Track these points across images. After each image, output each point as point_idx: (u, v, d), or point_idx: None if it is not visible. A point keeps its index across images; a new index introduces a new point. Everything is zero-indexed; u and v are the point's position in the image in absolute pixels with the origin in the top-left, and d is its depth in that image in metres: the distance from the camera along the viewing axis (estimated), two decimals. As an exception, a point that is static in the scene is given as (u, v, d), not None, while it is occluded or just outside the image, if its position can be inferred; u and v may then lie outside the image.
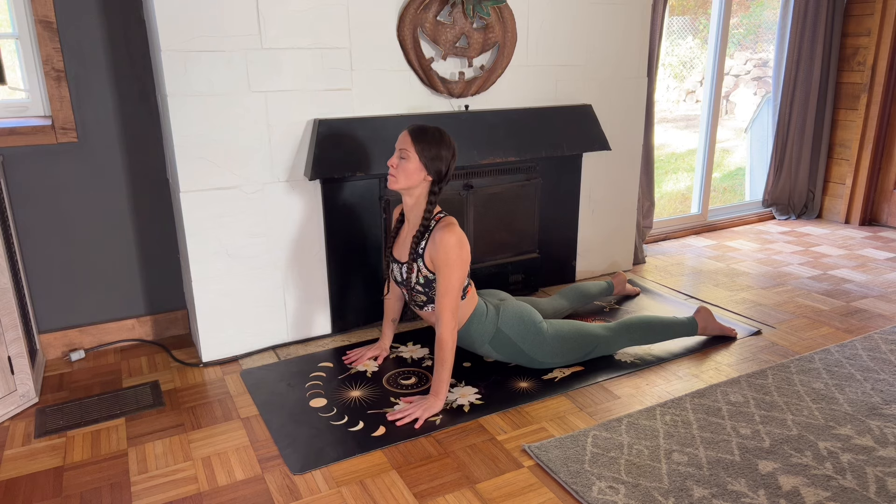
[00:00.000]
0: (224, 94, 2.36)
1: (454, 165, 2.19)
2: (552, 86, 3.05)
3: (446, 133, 2.18)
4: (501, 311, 2.38)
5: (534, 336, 2.37)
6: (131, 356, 2.65)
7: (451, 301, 2.16)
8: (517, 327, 2.37)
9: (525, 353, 2.38)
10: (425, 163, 2.13)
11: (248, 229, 2.52)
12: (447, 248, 2.13)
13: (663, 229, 4.19)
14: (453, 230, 2.15)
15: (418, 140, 2.13)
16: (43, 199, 2.49)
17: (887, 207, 4.39)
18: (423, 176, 2.15)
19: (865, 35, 4.18)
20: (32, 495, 1.82)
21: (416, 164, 2.13)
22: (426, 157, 2.13)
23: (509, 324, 2.37)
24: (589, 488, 1.79)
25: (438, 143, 2.14)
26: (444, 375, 2.16)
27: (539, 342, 2.37)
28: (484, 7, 2.67)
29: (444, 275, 2.15)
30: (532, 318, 2.39)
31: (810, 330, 2.81)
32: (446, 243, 2.13)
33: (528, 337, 2.37)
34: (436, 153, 2.13)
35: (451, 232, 2.15)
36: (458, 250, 2.14)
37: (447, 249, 2.13)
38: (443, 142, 2.15)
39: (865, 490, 1.77)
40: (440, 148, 2.14)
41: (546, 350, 2.38)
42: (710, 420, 2.11)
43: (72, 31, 2.40)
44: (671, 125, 7.41)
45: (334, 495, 1.80)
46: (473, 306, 2.35)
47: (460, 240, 2.15)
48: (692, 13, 5.95)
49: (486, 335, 2.37)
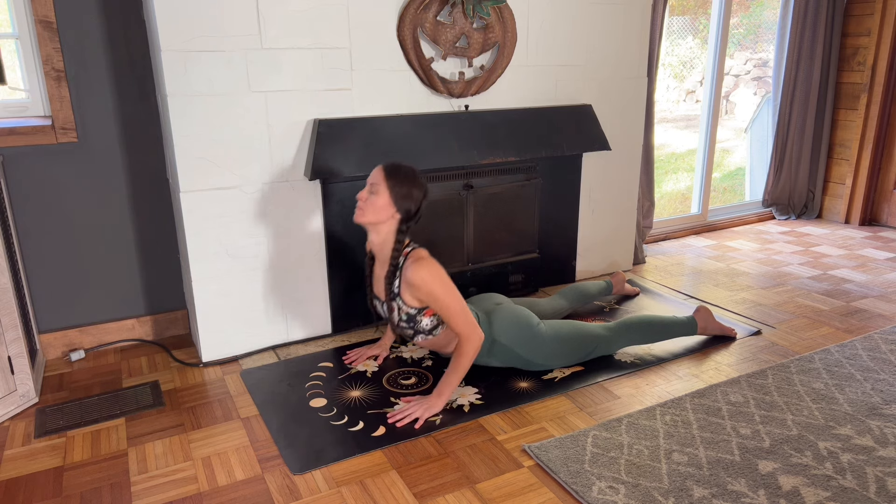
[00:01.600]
0: (224, 94, 2.36)
1: (424, 206, 2.16)
2: (552, 86, 3.05)
3: (420, 174, 2.15)
4: (494, 321, 2.35)
5: (531, 340, 2.36)
6: (131, 356, 2.65)
7: (460, 322, 2.14)
8: (513, 334, 2.35)
9: (524, 357, 2.37)
10: (395, 200, 2.09)
11: (248, 229, 2.52)
12: (424, 282, 2.10)
13: (663, 229, 4.19)
14: (421, 263, 2.11)
15: (391, 176, 2.09)
16: (43, 199, 2.49)
17: (887, 207, 4.39)
18: (391, 213, 2.11)
19: (865, 35, 4.18)
20: (32, 495, 1.82)
21: (386, 200, 2.09)
22: (397, 194, 2.09)
23: (504, 331, 2.35)
24: (589, 488, 1.79)
25: (411, 181, 2.10)
26: (453, 379, 2.17)
27: (537, 345, 2.36)
28: (484, 7, 2.67)
29: (439, 305, 2.13)
30: (527, 322, 2.38)
31: (810, 330, 2.81)
32: (421, 279, 2.09)
33: (526, 341, 2.35)
34: (407, 191, 2.09)
35: (420, 266, 2.11)
36: (435, 279, 2.10)
37: (425, 284, 2.10)
38: (416, 181, 2.11)
39: (865, 490, 1.77)
40: (412, 187, 2.10)
41: (545, 352, 2.38)
42: (710, 420, 2.11)
43: (72, 31, 2.40)
44: (671, 125, 7.41)
45: (334, 495, 1.80)
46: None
47: (431, 268, 2.11)
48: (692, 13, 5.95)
49: (482, 348, 2.35)
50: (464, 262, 2.99)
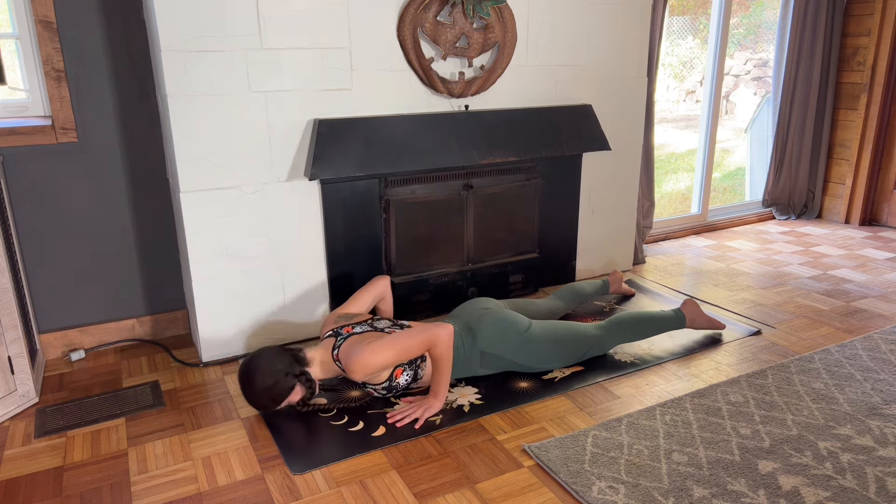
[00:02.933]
0: (224, 94, 2.36)
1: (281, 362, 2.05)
2: (552, 86, 3.05)
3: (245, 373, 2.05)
4: (478, 334, 2.33)
5: (521, 346, 2.34)
6: (131, 356, 2.65)
7: (416, 347, 2.07)
8: (500, 344, 2.33)
9: (518, 363, 2.37)
10: (283, 396, 2.06)
11: (248, 229, 2.52)
12: (359, 367, 2.02)
13: (663, 229, 4.19)
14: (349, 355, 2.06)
15: (264, 409, 2.09)
16: (43, 199, 2.49)
17: (887, 207, 4.39)
18: (298, 394, 2.09)
19: (865, 35, 4.18)
20: (32, 495, 1.82)
21: (291, 398, 2.09)
22: (279, 398, 2.06)
23: (491, 342, 2.33)
24: (589, 488, 1.79)
25: (261, 391, 2.04)
26: (442, 380, 2.15)
27: (529, 351, 2.35)
28: (484, 7, 2.67)
29: (393, 360, 2.06)
30: (515, 329, 2.35)
31: (810, 330, 2.81)
32: (356, 366, 2.02)
33: (516, 348, 2.34)
34: (273, 392, 2.04)
35: (348, 360, 2.05)
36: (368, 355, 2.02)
37: (360, 367, 2.02)
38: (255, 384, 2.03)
39: (865, 490, 1.77)
40: (266, 389, 2.03)
41: (539, 355, 2.37)
42: (710, 420, 2.11)
43: (72, 31, 2.40)
44: (671, 125, 7.41)
45: (334, 495, 1.80)
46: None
47: (356, 352, 2.04)
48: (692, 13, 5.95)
49: (473, 362, 2.34)
50: (464, 262, 2.99)
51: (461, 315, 2.43)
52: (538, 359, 2.37)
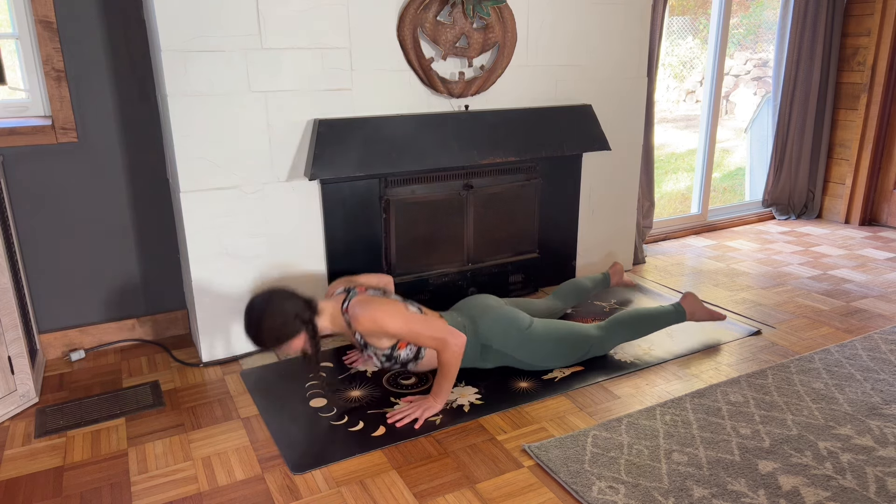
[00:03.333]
0: (224, 94, 2.36)
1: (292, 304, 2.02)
2: (552, 86, 3.05)
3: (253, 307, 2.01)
4: (480, 327, 2.33)
5: (523, 343, 2.34)
6: (131, 356, 2.65)
7: (427, 339, 2.09)
8: (501, 339, 2.33)
9: (519, 360, 2.37)
10: (287, 339, 2.02)
11: (248, 229, 2.52)
12: (365, 327, 2.06)
13: (663, 229, 4.19)
14: (360, 309, 2.07)
15: (263, 346, 2.03)
16: (43, 199, 2.49)
17: (887, 207, 4.39)
18: (300, 342, 2.05)
19: (865, 35, 4.18)
20: (32, 495, 1.82)
21: (290, 345, 2.04)
22: (282, 340, 2.01)
23: (492, 337, 2.33)
24: (589, 488, 1.79)
25: (266, 326, 1.98)
26: (446, 382, 2.16)
27: (531, 349, 2.35)
28: (484, 7, 2.67)
29: (400, 335, 2.09)
30: (516, 326, 2.35)
31: (810, 330, 2.81)
32: (371, 320, 2.05)
33: (518, 345, 2.34)
34: (278, 331, 1.99)
35: (361, 312, 2.07)
36: (380, 315, 2.06)
37: (374, 324, 2.06)
38: (265, 320, 1.98)
39: (865, 490, 1.77)
40: (272, 326, 1.98)
41: (540, 354, 2.37)
42: (710, 420, 2.11)
43: (72, 31, 2.40)
44: (671, 125, 7.41)
45: (334, 495, 1.80)
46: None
47: (371, 308, 2.07)
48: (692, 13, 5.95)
49: (474, 355, 2.34)
50: (464, 262, 2.99)
51: (463, 308, 2.43)
52: (539, 357, 2.37)
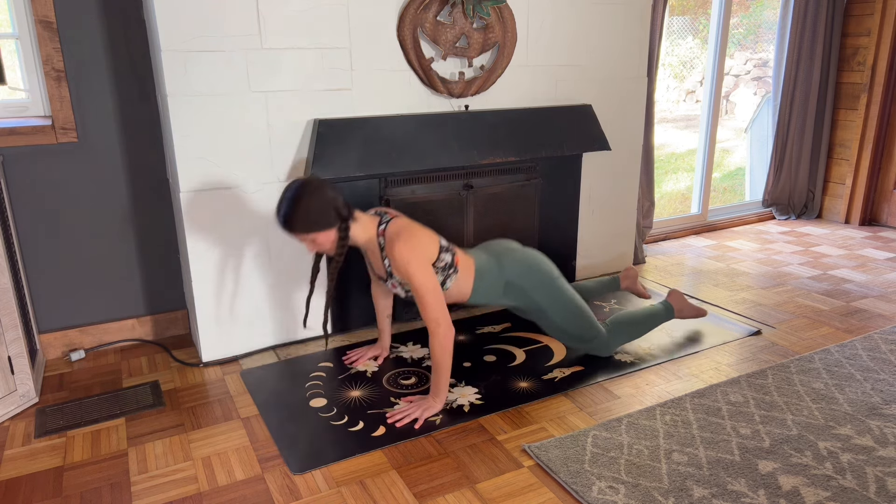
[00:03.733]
0: (224, 94, 2.36)
1: (335, 195, 2.04)
2: (552, 86, 3.05)
3: (301, 186, 2.00)
4: (505, 263, 2.33)
5: (545, 287, 2.34)
6: (131, 356, 2.65)
7: (429, 307, 2.08)
8: (526, 276, 2.33)
9: (536, 302, 2.35)
10: (318, 227, 2.02)
11: (248, 229, 2.52)
12: (398, 259, 2.07)
13: (663, 229, 4.19)
14: (396, 240, 2.08)
15: (292, 227, 2.01)
16: (43, 199, 2.49)
17: (887, 207, 4.39)
18: (331, 235, 2.06)
19: (865, 35, 4.18)
20: (32, 495, 1.82)
21: (317, 237, 2.05)
22: (314, 226, 2.01)
23: (517, 273, 2.33)
24: (589, 488, 1.79)
25: (305, 207, 1.98)
26: (441, 379, 2.15)
27: (553, 297, 2.35)
28: (484, 7, 2.67)
29: (412, 283, 2.09)
30: (542, 268, 2.36)
31: (810, 330, 2.81)
32: (396, 255, 2.07)
33: (540, 287, 2.34)
34: (315, 216, 1.99)
35: (395, 244, 2.08)
36: (408, 257, 2.06)
37: (399, 261, 2.07)
38: (306, 200, 1.98)
39: (865, 490, 1.77)
40: (311, 209, 1.98)
41: (558, 307, 2.36)
42: (710, 420, 2.11)
43: (72, 31, 2.40)
44: (671, 125, 7.41)
45: (334, 495, 1.80)
46: (471, 270, 2.28)
47: (405, 245, 2.07)
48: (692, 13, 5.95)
49: (496, 289, 2.33)
50: (464, 262, 2.99)
51: (487, 248, 2.42)
52: (557, 309, 2.36)
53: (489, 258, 2.34)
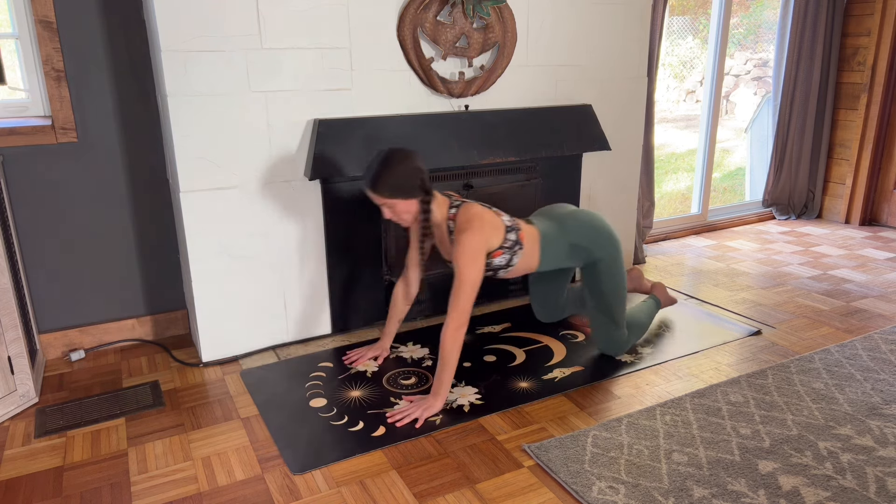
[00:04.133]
0: (224, 94, 2.36)
1: (423, 168, 2.14)
2: (552, 86, 3.05)
3: (392, 152, 2.11)
4: (569, 226, 2.39)
5: (606, 244, 2.38)
6: (131, 356, 2.65)
7: (461, 298, 2.11)
8: (591, 236, 2.38)
9: (599, 265, 2.39)
10: (403, 195, 2.11)
11: (248, 229, 2.52)
12: (462, 246, 2.13)
13: (663, 229, 4.19)
14: (468, 226, 2.15)
15: (378, 188, 2.10)
16: (43, 199, 2.49)
17: (887, 207, 4.39)
18: (413, 205, 2.16)
19: (865, 35, 4.18)
20: (32, 495, 1.82)
21: (398, 203, 2.13)
22: (398, 192, 2.10)
23: (581, 234, 2.38)
24: (589, 488, 1.79)
25: (393, 172, 2.08)
26: (444, 377, 2.15)
27: (613, 255, 2.40)
28: (484, 7, 2.67)
29: (458, 271, 2.13)
30: (606, 226, 2.41)
31: (810, 330, 2.81)
32: (462, 242, 2.13)
33: (602, 242, 2.38)
34: (401, 182, 2.09)
35: (468, 229, 2.14)
36: (472, 245, 2.12)
37: (461, 247, 2.13)
38: (396, 166, 2.09)
39: (865, 490, 1.77)
40: (398, 175, 2.09)
41: (615, 270, 2.41)
42: (710, 420, 2.11)
43: (72, 31, 2.40)
44: (671, 125, 7.41)
45: (334, 495, 1.80)
46: (536, 239, 2.34)
47: (474, 236, 2.13)
48: (692, 13, 5.95)
49: (562, 253, 2.38)
50: (464, 262, 2.99)
51: (550, 213, 2.49)
52: (612, 273, 2.41)
53: (551, 223, 2.40)
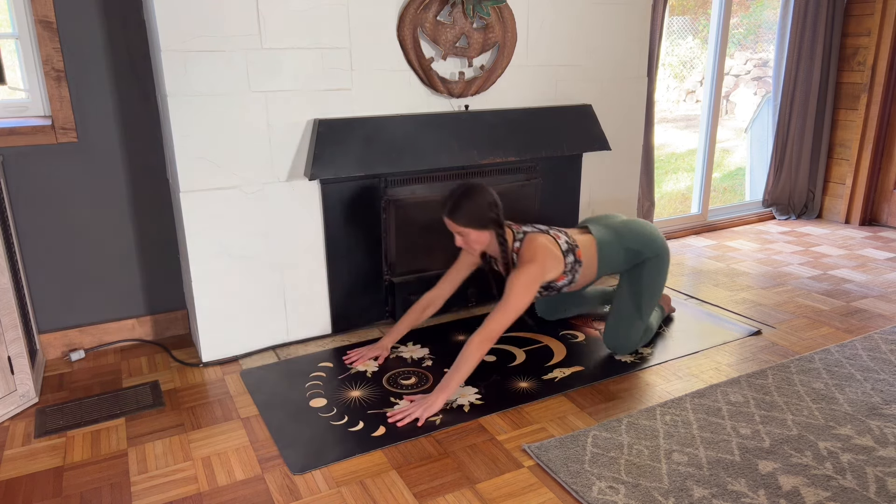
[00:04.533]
0: (224, 94, 2.36)
1: (499, 203, 2.26)
2: (552, 86, 3.05)
3: (472, 185, 2.24)
4: (624, 232, 2.50)
5: (658, 248, 2.49)
6: (131, 356, 2.65)
7: (501, 319, 2.17)
8: (644, 239, 2.49)
9: (645, 267, 2.48)
10: (476, 226, 2.23)
11: (248, 229, 2.52)
12: (516, 277, 2.21)
13: (663, 229, 4.19)
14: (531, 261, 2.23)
15: (455, 217, 2.22)
16: (43, 199, 2.49)
17: (887, 207, 4.39)
18: (486, 236, 2.27)
19: (865, 35, 4.18)
20: (32, 495, 1.82)
21: (473, 233, 2.25)
22: (474, 223, 2.22)
23: (634, 238, 2.49)
24: (589, 488, 1.79)
25: (472, 203, 2.21)
26: (454, 379, 2.17)
27: (662, 257, 2.50)
28: (484, 7, 2.67)
29: (509, 295, 2.19)
30: (659, 234, 2.53)
31: (810, 330, 2.81)
32: (520, 273, 2.21)
33: (654, 247, 2.49)
34: (478, 214, 2.21)
35: (530, 263, 2.23)
36: (528, 279, 2.20)
37: (516, 278, 2.21)
38: (473, 196, 2.21)
39: (865, 490, 1.77)
40: (476, 207, 2.21)
41: (659, 269, 2.50)
42: (710, 420, 2.11)
43: (72, 31, 2.40)
44: (671, 125, 7.42)
45: (334, 495, 1.80)
46: (593, 249, 2.44)
47: (532, 271, 2.21)
48: (692, 13, 5.95)
49: (618, 258, 2.48)
50: (464, 262, 2.99)
51: (601, 220, 2.59)
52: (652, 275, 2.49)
53: (607, 230, 2.52)
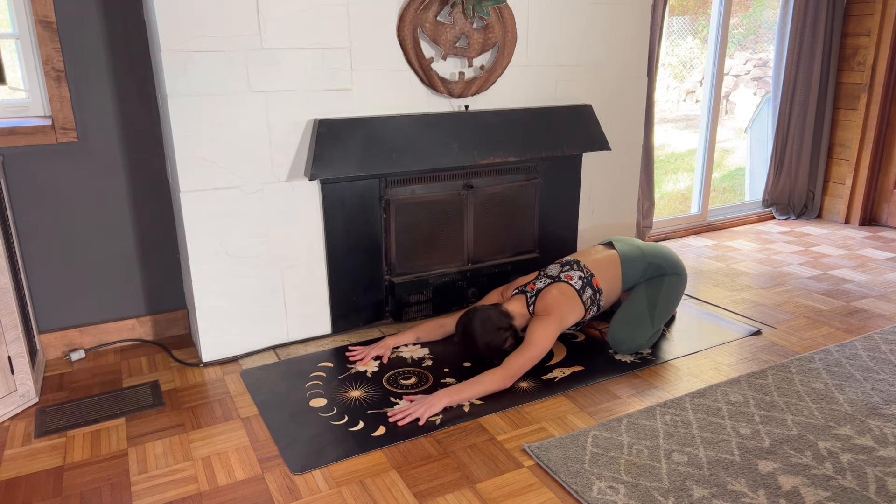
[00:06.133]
0: (224, 94, 2.36)
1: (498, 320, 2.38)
2: (552, 86, 3.05)
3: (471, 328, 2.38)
4: (645, 248, 2.66)
5: (679, 268, 2.66)
6: (131, 356, 2.65)
7: (520, 362, 2.28)
8: (665, 255, 2.67)
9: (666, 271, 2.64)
10: (498, 349, 2.40)
11: (248, 229, 2.52)
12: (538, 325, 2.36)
13: (663, 229, 4.19)
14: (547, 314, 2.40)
15: (481, 356, 2.42)
16: (43, 199, 2.49)
17: (887, 207, 4.39)
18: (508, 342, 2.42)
19: (865, 35, 4.18)
20: (32, 495, 1.82)
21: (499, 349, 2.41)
22: (496, 351, 2.40)
23: (656, 254, 2.66)
24: (589, 488, 1.79)
25: (481, 340, 2.37)
26: (465, 394, 2.21)
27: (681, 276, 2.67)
28: (484, 7, 2.67)
29: (528, 341, 2.32)
30: (679, 258, 2.70)
31: (810, 330, 2.81)
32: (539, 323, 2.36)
33: (675, 264, 2.66)
34: (495, 342, 2.38)
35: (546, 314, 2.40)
36: (548, 327, 2.34)
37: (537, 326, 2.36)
38: (478, 336, 2.37)
39: (865, 490, 1.77)
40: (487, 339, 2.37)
41: (677, 288, 2.65)
42: (710, 420, 2.11)
43: (72, 31, 2.40)
44: (671, 125, 7.42)
45: (334, 495, 1.80)
46: (616, 266, 2.61)
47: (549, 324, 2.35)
48: (692, 13, 5.96)
49: (638, 271, 2.62)
50: (463, 261, 2.99)
51: (622, 239, 2.75)
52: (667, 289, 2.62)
53: (630, 246, 2.68)
